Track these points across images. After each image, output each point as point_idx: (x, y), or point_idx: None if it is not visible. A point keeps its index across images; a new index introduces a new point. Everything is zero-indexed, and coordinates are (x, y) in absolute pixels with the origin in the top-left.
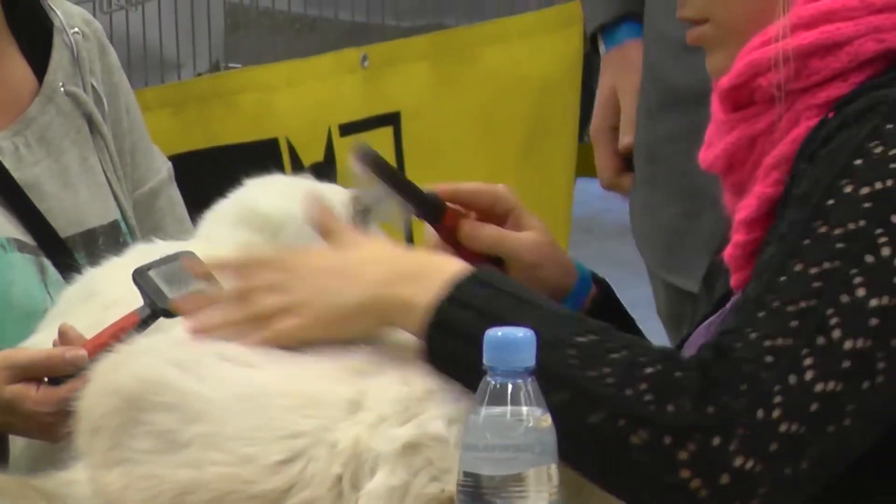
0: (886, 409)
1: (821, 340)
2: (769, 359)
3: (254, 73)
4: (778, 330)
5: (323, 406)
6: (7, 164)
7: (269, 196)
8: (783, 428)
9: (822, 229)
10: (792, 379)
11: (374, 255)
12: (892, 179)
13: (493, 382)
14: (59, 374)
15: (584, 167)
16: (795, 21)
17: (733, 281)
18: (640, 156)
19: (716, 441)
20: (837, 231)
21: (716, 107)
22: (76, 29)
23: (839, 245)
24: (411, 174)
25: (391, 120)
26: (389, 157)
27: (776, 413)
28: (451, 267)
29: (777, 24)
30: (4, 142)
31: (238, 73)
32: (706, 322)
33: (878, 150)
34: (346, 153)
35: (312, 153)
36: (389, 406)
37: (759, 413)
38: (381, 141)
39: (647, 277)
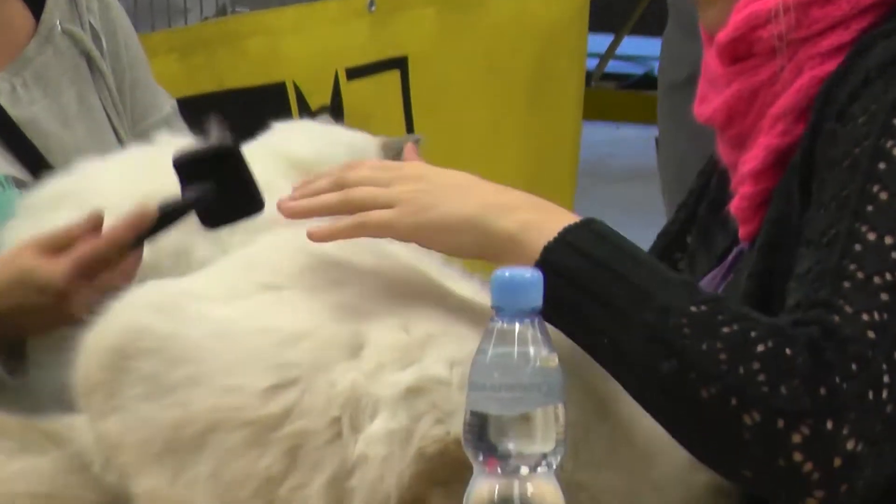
0: None
1: None
2: (871, 335)
3: (261, 18)
4: (871, 304)
5: (317, 342)
6: (4, 104)
7: (300, 139)
8: (889, 409)
9: (883, 195)
10: (894, 354)
11: (477, 181)
12: None
13: (501, 322)
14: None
15: (591, 111)
16: None
17: (741, 233)
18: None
19: (829, 425)
20: None
21: (711, 61)
22: None
23: None
24: (418, 119)
25: (398, 64)
26: (395, 102)
27: (885, 394)
28: (562, 210)
29: None
30: (2, 83)
31: (245, 17)
32: (710, 276)
33: None
34: (354, 97)
35: (319, 97)
36: (388, 353)
37: (870, 395)
38: (388, 85)
39: (654, 220)
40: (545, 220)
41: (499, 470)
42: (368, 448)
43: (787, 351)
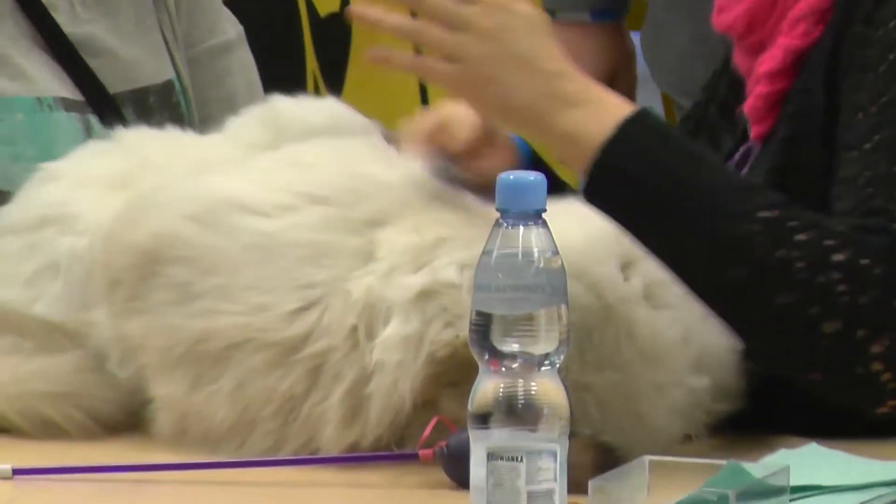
0: None
1: None
2: None
3: None
4: None
5: (335, 256)
6: (60, 21)
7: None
8: None
9: None
10: None
11: (543, 52)
12: None
13: (505, 224)
14: None
15: None
16: None
17: (753, 133)
18: None
19: None
20: None
21: None
22: None
23: None
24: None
25: None
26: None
27: None
28: (618, 101)
29: None
30: (61, 1)
31: None
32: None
33: None
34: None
35: (328, 4)
36: (400, 255)
37: None
38: None
39: None
40: (603, 114)
41: (503, 369)
42: (384, 354)
43: (865, 261)
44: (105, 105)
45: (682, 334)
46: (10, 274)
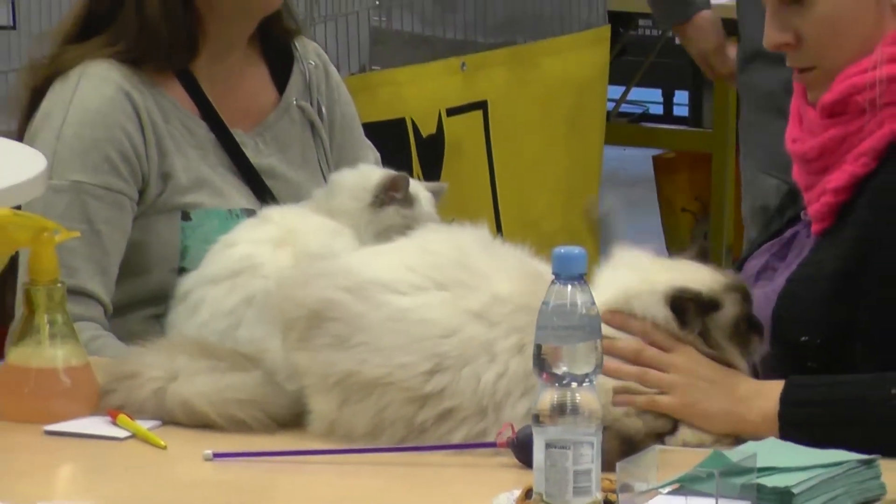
0: None
1: None
2: None
3: (389, 74)
4: None
5: (462, 340)
6: (248, 154)
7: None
8: None
9: None
10: None
11: (723, 376)
12: None
13: (558, 283)
14: None
15: (609, 138)
16: (882, 58)
17: (816, 228)
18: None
19: None
20: None
21: (811, 113)
22: (311, 60)
23: None
24: (494, 144)
25: (481, 106)
26: (479, 132)
27: None
28: (772, 385)
29: (870, 59)
30: (248, 139)
31: (379, 73)
32: (765, 246)
33: None
34: (452, 128)
35: (427, 128)
36: (516, 380)
37: None
38: (474, 120)
39: (647, 211)
40: (767, 397)
41: (556, 384)
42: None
43: None
44: None
45: None
46: (216, 310)
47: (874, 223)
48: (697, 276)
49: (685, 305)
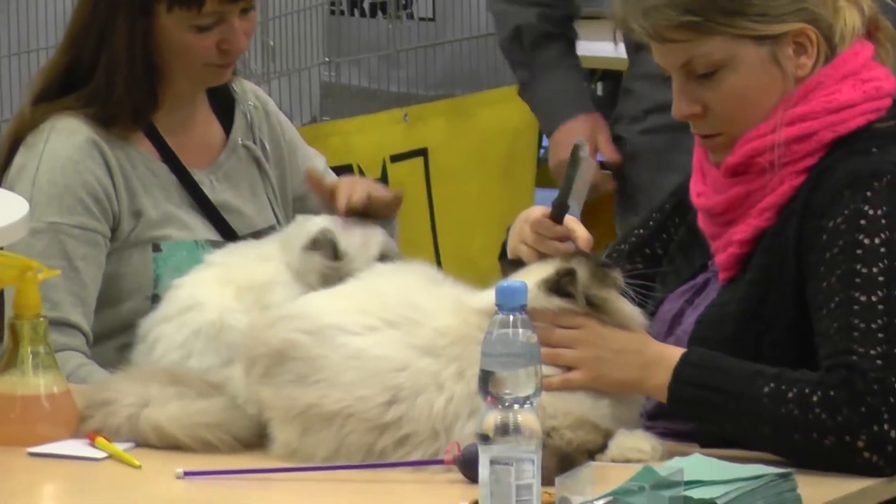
0: None
1: None
2: (879, 363)
3: (338, 124)
4: (874, 343)
5: (414, 373)
6: (206, 191)
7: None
8: None
9: (864, 270)
10: None
11: (630, 345)
12: (888, 231)
13: (501, 314)
14: None
15: (539, 181)
16: (781, 122)
17: (723, 276)
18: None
19: (875, 427)
20: (875, 270)
21: (714, 172)
22: (251, 101)
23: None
24: (434, 189)
25: (422, 153)
26: (420, 178)
27: None
28: (672, 354)
29: (768, 123)
30: (204, 178)
31: (328, 123)
32: (685, 286)
33: (871, 212)
34: (395, 174)
35: (373, 174)
36: (463, 401)
37: (891, 399)
38: (416, 166)
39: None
40: (665, 367)
41: (500, 406)
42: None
43: (832, 393)
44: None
45: None
46: (169, 344)
47: (769, 266)
48: (541, 267)
49: (561, 282)
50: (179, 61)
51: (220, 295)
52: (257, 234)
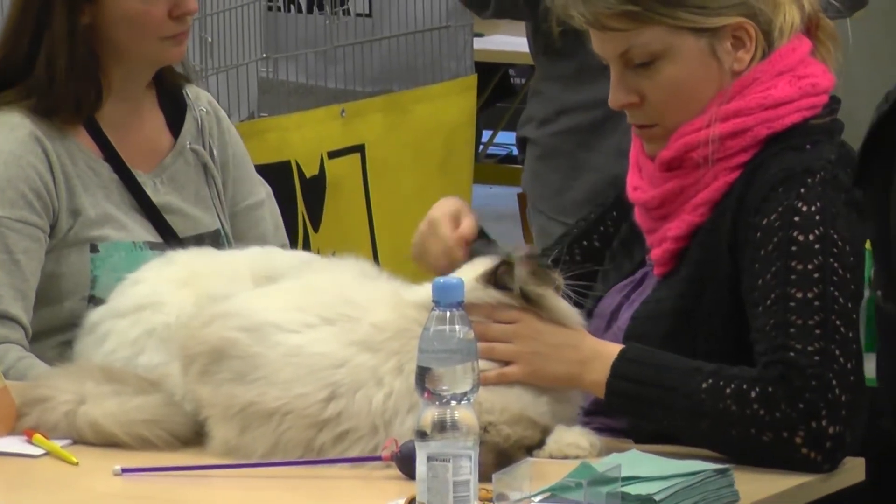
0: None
1: (837, 336)
2: (817, 359)
3: (276, 120)
4: (811, 339)
5: (352, 369)
6: (148, 193)
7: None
8: (844, 398)
9: (799, 266)
10: (834, 366)
11: (567, 340)
12: (822, 227)
13: (438, 310)
14: None
15: (477, 177)
16: (716, 117)
17: (658, 271)
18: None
19: (813, 424)
20: (810, 266)
21: (649, 165)
22: (202, 107)
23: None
24: (373, 184)
25: (359, 149)
26: (357, 174)
27: (838, 391)
28: (610, 350)
29: (702, 118)
30: (147, 179)
31: (266, 120)
32: (625, 282)
33: (805, 208)
34: (333, 169)
35: (311, 169)
36: (403, 397)
37: (829, 396)
38: (353, 161)
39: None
40: (603, 363)
41: (437, 402)
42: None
43: (770, 389)
44: (177, 245)
45: None
46: (121, 340)
47: (703, 262)
48: (482, 261)
49: (498, 273)
50: (133, 39)
51: (180, 297)
52: (200, 238)
